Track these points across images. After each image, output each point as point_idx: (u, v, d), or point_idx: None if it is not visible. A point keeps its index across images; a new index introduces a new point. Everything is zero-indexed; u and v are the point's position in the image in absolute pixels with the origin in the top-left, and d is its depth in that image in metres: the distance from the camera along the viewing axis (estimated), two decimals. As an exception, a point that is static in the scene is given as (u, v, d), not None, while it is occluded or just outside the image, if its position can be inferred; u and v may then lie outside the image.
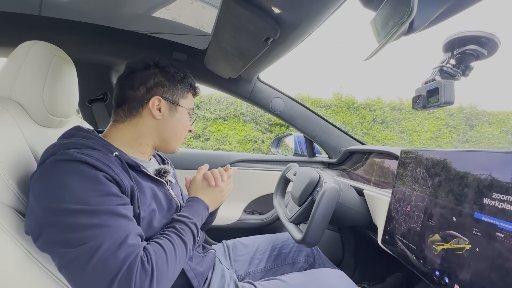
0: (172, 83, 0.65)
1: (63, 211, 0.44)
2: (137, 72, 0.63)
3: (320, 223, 0.71)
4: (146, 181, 0.60)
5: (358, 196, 0.88)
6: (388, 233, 0.69)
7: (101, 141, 0.57)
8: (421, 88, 0.60)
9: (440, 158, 0.56)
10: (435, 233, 0.52)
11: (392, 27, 0.44)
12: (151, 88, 0.63)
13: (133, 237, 0.46)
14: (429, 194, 0.56)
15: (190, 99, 0.71)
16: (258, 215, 1.31)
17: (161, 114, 0.64)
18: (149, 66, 0.64)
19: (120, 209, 0.47)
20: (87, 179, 0.47)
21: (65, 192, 0.45)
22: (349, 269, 1.28)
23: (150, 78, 0.63)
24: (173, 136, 0.68)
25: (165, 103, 0.64)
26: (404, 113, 6.69)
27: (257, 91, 1.18)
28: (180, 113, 0.67)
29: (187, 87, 0.69)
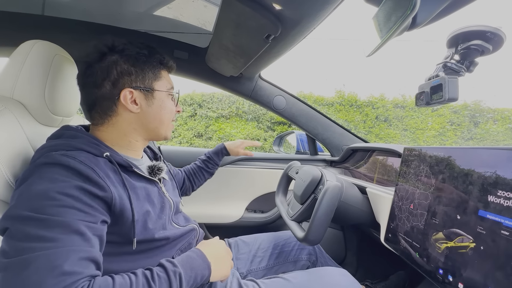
0: (139, 67, 0.58)
1: (17, 217, 0.41)
2: (94, 65, 0.55)
3: (322, 221, 0.70)
4: (139, 182, 0.58)
5: (360, 194, 0.87)
6: (391, 231, 0.69)
7: (90, 140, 0.54)
8: (424, 85, 0.59)
9: (444, 156, 0.55)
10: (439, 231, 0.52)
11: (394, 22, 0.43)
12: (117, 80, 0.56)
13: (76, 263, 0.39)
14: (433, 191, 0.56)
15: (166, 78, 0.63)
16: (260, 213, 1.31)
17: (138, 106, 0.58)
18: (104, 54, 0.56)
19: (79, 224, 0.42)
20: (54, 186, 0.43)
21: (26, 197, 0.42)
22: (351, 268, 1.27)
23: (111, 68, 0.55)
24: (159, 124, 0.62)
25: (138, 93, 0.58)
26: (408, 110, 6.64)
27: (258, 89, 1.18)
28: (159, 99, 0.61)
29: (158, 66, 0.61)
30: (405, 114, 6.62)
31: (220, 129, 6.15)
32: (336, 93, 6.65)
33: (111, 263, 0.52)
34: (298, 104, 1.24)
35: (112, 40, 0.58)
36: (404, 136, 6.58)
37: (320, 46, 10.30)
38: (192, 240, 0.71)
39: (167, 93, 0.63)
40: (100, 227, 0.46)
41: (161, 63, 0.62)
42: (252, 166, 1.30)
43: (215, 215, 1.24)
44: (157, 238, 0.59)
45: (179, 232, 0.67)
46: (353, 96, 6.59)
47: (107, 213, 0.49)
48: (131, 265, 0.55)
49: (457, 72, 0.55)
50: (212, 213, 1.24)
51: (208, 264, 0.54)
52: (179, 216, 0.73)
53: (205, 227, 1.24)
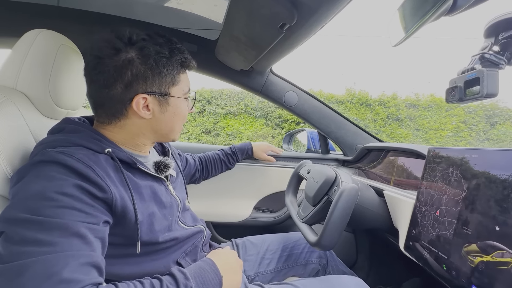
0: (157, 71, 0.51)
1: (13, 219, 0.38)
2: (106, 60, 0.48)
3: (338, 226, 0.66)
4: (143, 180, 0.55)
5: (377, 196, 0.82)
6: (413, 238, 0.63)
7: (92, 135, 0.50)
8: (457, 79, 0.53)
9: (479, 158, 0.49)
10: (472, 242, 0.46)
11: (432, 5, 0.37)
12: (130, 83, 0.50)
13: (76, 269, 0.36)
14: (464, 198, 0.50)
15: (184, 81, 0.57)
16: (269, 213, 1.27)
17: (150, 112, 0.53)
18: (119, 50, 0.48)
19: (79, 226, 0.39)
20: (52, 185, 0.40)
21: (22, 198, 0.40)
22: (363, 272, 1.22)
23: (126, 69, 0.49)
24: (171, 131, 0.58)
25: (153, 99, 0.52)
26: (421, 110, 6.46)
27: (269, 84, 1.13)
28: (174, 105, 0.55)
29: (177, 68, 0.54)
30: (417, 114, 6.44)
31: (228, 125, 6.13)
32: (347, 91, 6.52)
33: (113, 266, 0.50)
34: (311, 100, 1.19)
35: (128, 33, 0.50)
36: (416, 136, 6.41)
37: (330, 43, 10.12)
38: (198, 242, 0.67)
39: (184, 97, 0.57)
40: (102, 228, 0.44)
41: (181, 65, 0.55)
42: (261, 164, 1.26)
43: (222, 213, 1.21)
44: (163, 241, 0.55)
45: (186, 233, 0.63)
46: (364, 95, 6.45)
47: (109, 213, 0.46)
48: (135, 268, 0.53)
49: (497, 65, 0.49)
50: (219, 211, 1.21)
51: (220, 279, 0.50)
52: (186, 215, 0.70)
53: (212, 226, 1.21)
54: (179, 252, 0.61)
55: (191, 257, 0.64)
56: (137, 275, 0.50)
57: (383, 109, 6.44)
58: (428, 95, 6.52)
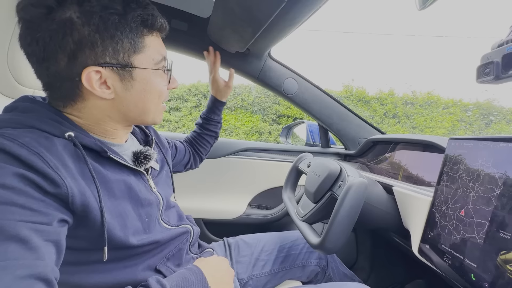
0: (108, 34, 0.38)
1: None
2: (36, 24, 0.37)
3: (344, 226, 0.57)
4: (116, 173, 0.45)
5: (385, 193, 0.73)
6: (429, 241, 0.55)
7: (50, 115, 0.40)
8: (492, 53, 0.44)
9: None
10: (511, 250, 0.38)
11: None
12: (74, 53, 0.38)
13: (9, 285, 0.28)
14: (500, 195, 0.42)
15: (153, 46, 0.44)
16: (265, 210, 1.19)
17: (110, 90, 0.42)
18: (51, 8, 0.36)
19: (20, 228, 0.30)
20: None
21: None
22: (363, 273, 1.15)
23: (64, 34, 0.37)
24: (144, 112, 0.47)
25: (110, 72, 0.41)
26: (417, 107, 6.44)
27: (267, 69, 1.03)
28: (141, 79, 0.43)
29: (138, 29, 0.41)
30: (414, 111, 6.42)
31: (224, 120, 6.03)
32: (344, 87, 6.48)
33: (76, 275, 0.42)
34: (312, 89, 1.09)
35: None
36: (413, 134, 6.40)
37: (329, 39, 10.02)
38: (183, 245, 0.58)
39: (155, 67, 0.45)
40: (56, 229, 0.34)
41: (144, 25, 0.42)
42: (257, 157, 1.17)
43: (214, 210, 1.12)
44: (139, 244, 0.46)
45: (169, 234, 0.54)
46: (362, 91, 6.43)
47: (66, 210, 0.37)
48: (103, 277, 0.44)
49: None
50: (210, 208, 1.11)
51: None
52: (170, 213, 0.60)
53: (202, 223, 1.12)
54: (159, 256, 0.52)
55: (174, 262, 0.55)
56: (106, 286, 0.43)
57: (380, 106, 6.43)
58: (425, 93, 6.51)
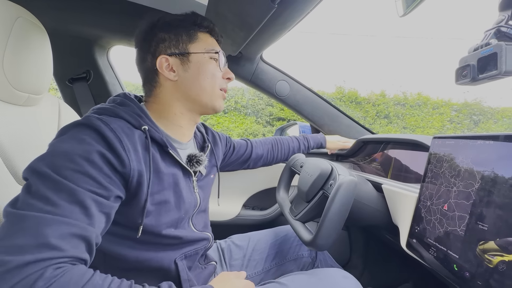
0: (173, 32, 0.56)
1: (37, 171, 0.39)
2: (141, 44, 0.58)
3: (335, 223, 0.59)
4: (170, 167, 0.54)
5: (375, 191, 0.76)
6: (416, 236, 0.58)
7: (136, 110, 0.52)
8: (468, 57, 0.47)
9: (496, 144, 0.43)
10: (489, 239, 0.41)
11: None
12: (155, 50, 0.56)
13: (64, 238, 0.36)
14: (478, 189, 0.45)
15: (205, 40, 0.59)
16: (259, 211, 1.20)
17: (175, 73, 0.56)
18: (147, 31, 0.57)
19: (86, 196, 0.39)
20: (79, 148, 0.41)
21: (52, 153, 0.41)
22: (356, 271, 1.17)
23: (151, 40, 0.56)
24: (201, 91, 0.58)
25: (174, 59, 0.56)
26: (408, 108, 6.57)
27: (260, 72, 1.05)
28: (196, 62, 0.57)
29: (192, 27, 0.58)
30: (405, 112, 6.54)
31: (218, 123, 6.03)
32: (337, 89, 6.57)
33: (110, 243, 0.49)
34: (303, 91, 1.12)
35: (158, 17, 0.58)
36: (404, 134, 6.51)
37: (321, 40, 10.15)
38: (200, 250, 0.62)
39: (207, 55, 0.58)
40: (111, 204, 0.43)
41: (195, 24, 0.58)
42: None
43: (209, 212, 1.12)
44: (166, 235, 0.53)
45: (193, 236, 0.59)
46: (354, 92, 6.52)
47: (123, 188, 0.46)
48: (130, 252, 0.51)
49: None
50: (205, 209, 1.12)
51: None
52: (199, 218, 0.65)
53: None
54: (178, 252, 0.57)
55: (188, 263, 0.59)
56: (132, 261, 0.51)
57: (372, 107, 6.53)
58: (416, 94, 6.65)
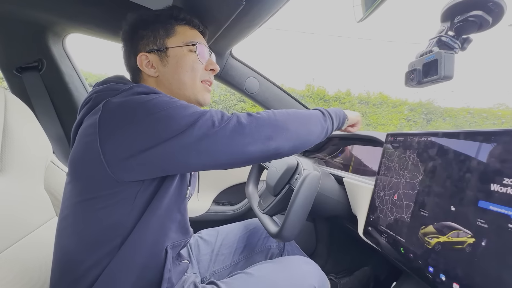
0: (150, 29, 0.57)
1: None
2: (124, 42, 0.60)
3: (299, 215, 0.62)
4: None
5: (337, 184, 0.81)
6: (371, 224, 0.63)
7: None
8: (415, 62, 0.53)
9: (435, 141, 0.49)
10: (429, 224, 0.46)
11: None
12: (135, 49, 0.57)
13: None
14: (421, 181, 0.50)
15: (184, 33, 0.59)
16: (229, 206, 1.21)
17: (155, 69, 0.57)
18: (128, 30, 0.59)
19: None
20: None
21: None
22: (321, 259, 1.24)
23: (132, 39, 0.58)
24: (182, 85, 0.58)
25: (153, 55, 0.57)
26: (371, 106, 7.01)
27: (229, 68, 1.05)
28: (174, 56, 0.57)
29: (169, 21, 0.58)
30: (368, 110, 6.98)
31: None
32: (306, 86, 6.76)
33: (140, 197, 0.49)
34: (272, 88, 1.14)
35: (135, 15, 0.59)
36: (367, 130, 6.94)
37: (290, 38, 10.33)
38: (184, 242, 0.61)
39: (185, 48, 0.58)
40: None
41: (172, 17, 0.58)
42: None
43: None
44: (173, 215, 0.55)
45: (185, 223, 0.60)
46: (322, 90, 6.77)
47: None
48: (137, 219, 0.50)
49: (452, 48, 0.49)
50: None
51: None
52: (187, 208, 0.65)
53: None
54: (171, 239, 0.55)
55: (173, 254, 0.57)
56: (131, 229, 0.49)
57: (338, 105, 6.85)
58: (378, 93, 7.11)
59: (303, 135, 0.54)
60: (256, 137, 0.47)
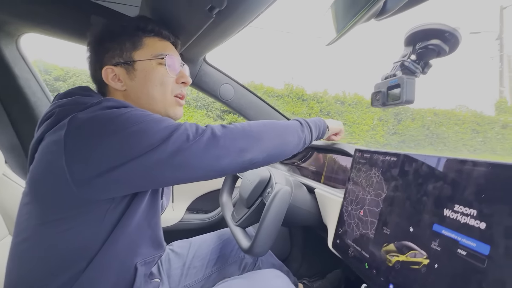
0: (116, 41, 0.55)
1: None
2: (89, 53, 0.58)
3: (270, 231, 0.63)
4: None
5: (309, 194, 0.83)
6: (339, 237, 0.65)
7: None
8: (381, 84, 0.55)
9: (397, 161, 0.52)
10: (390, 242, 0.49)
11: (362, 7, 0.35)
12: (101, 61, 0.55)
13: None
14: (384, 199, 0.53)
15: (151, 45, 0.56)
16: (204, 214, 1.19)
17: (122, 83, 0.55)
18: (92, 42, 0.57)
19: None
20: None
21: None
22: (296, 263, 1.27)
23: (98, 51, 0.56)
24: (151, 100, 0.56)
25: (120, 69, 0.55)
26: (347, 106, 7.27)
27: (203, 74, 1.02)
28: (141, 70, 0.55)
29: (136, 32, 0.55)
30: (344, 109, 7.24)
31: (165, 116, 5.69)
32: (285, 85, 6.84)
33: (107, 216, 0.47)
34: (248, 95, 1.13)
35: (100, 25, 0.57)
36: (343, 130, 7.19)
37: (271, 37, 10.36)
38: (157, 258, 0.59)
39: (154, 61, 0.55)
40: None
41: (139, 29, 0.56)
42: None
43: None
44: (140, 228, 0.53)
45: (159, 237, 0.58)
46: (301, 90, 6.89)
47: None
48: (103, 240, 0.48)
49: (413, 73, 0.52)
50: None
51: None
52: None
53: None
54: (142, 255, 0.53)
55: (145, 270, 0.55)
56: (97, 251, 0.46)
57: (316, 104, 7.01)
58: (353, 93, 7.39)
59: (278, 146, 0.55)
60: (231, 149, 0.48)
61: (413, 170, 0.47)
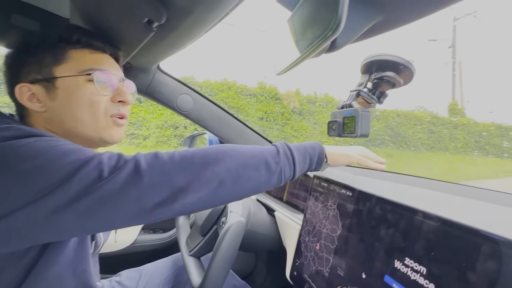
0: (33, 54, 0.46)
1: None
2: (4, 70, 0.49)
3: (223, 268, 0.57)
4: None
5: (268, 217, 0.79)
6: (296, 269, 0.62)
7: None
8: (337, 113, 0.52)
9: (353, 197, 0.49)
10: (344, 286, 0.46)
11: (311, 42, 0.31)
12: (16, 77, 0.47)
13: None
14: (339, 236, 0.50)
15: (78, 58, 0.47)
16: (161, 234, 1.10)
17: (41, 104, 0.46)
18: (8, 57, 0.48)
19: None
20: None
21: None
22: (261, 277, 1.24)
23: (13, 66, 0.48)
24: (78, 123, 0.47)
25: (37, 86, 0.46)
26: (318, 106, 7.47)
27: (157, 84, 0.93)
28: (64, 88, 0.46)
29: (58, 44, 0.47)
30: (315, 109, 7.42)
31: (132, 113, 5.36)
32: (259, 84, 6.83)
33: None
34: (208, 105, 1.06)
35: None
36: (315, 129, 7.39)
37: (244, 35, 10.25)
38: None
39: (81, 78, 0.46)
40: None
41: (61, 40, 0.47)
42: None
43: None
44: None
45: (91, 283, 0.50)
46: (274, 89, 6.92)
47: None
48: None
49: (369, 103, 0.49)
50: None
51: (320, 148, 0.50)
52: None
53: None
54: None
55: None
56: None
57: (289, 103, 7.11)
58: (324, 94, 7.60)
59: (234, 182, 0.40)
60: (158, 189, 0.36)
61: (367, 210, 0.45)
